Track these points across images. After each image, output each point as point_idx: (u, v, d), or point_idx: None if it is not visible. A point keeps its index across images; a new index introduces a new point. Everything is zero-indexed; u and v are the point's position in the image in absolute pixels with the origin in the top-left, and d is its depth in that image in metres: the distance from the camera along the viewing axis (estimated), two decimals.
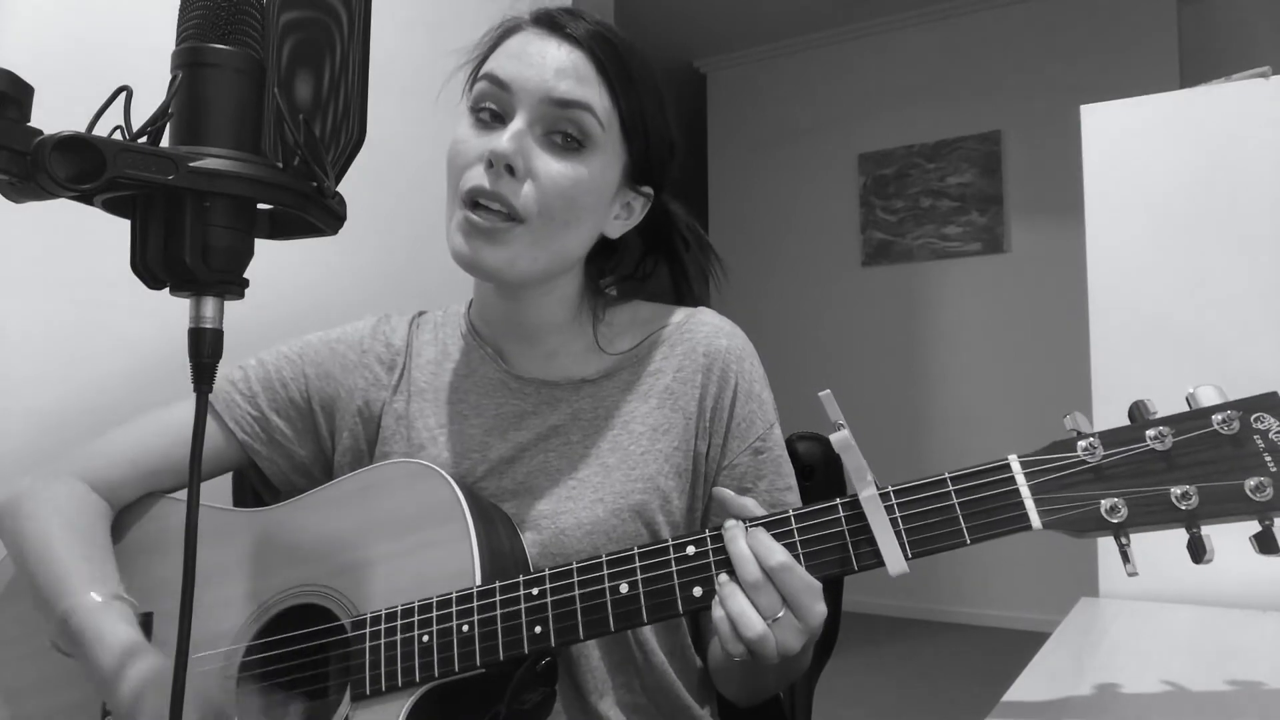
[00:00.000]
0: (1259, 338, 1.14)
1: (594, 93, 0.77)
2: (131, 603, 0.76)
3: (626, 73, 0.79)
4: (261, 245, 0.52)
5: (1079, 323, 1.29)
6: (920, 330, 4.39)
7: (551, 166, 0.76)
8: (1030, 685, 0.77)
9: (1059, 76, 4.06)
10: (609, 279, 0.93)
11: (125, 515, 0.85)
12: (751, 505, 0.71)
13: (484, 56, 0.82)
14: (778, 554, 0.65)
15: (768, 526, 0.68)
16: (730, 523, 0.68)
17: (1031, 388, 4.03)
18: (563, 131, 0.77)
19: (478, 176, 0.76)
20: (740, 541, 0.66)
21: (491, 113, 0.78)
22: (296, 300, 1.34)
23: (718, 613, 0.66)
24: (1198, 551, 0.61)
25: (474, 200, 0.76)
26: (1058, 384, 3.86)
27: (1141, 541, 0.63)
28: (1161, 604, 1.08)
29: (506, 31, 0.82)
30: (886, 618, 4.19)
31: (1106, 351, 1.22)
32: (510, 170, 0.75)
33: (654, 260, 0.93)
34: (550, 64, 0.77)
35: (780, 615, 0.65)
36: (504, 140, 0.75)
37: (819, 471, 0.96)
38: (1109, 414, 1.21)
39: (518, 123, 0.76)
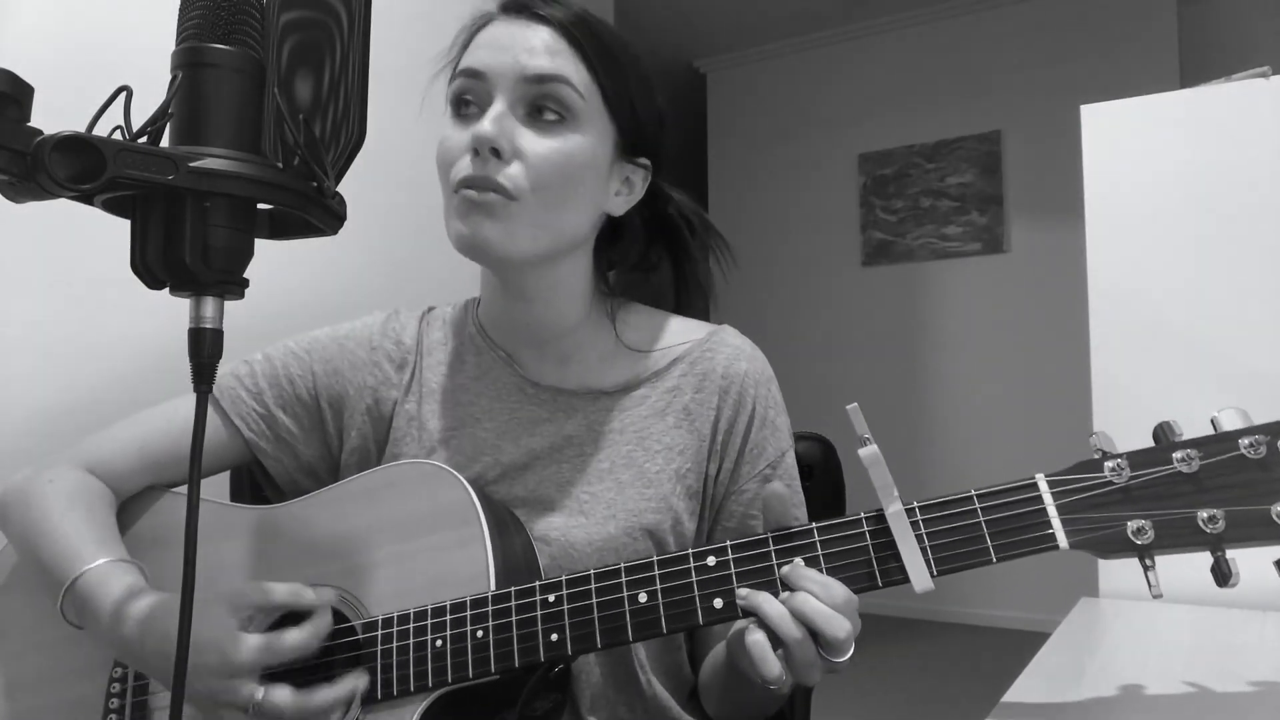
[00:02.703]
0: (1259, 337, 1.14)
1: (569, 65, 0.77)
2: (140, 566, 0.76)
3: (602, 46, 0.79)
4: (261, 245, 0.52)
5: (1079, 322, 1.29)
6: (920, 330, 4.39)
7: (537, 143, 0.75)
8: (1030, 685, 0.77)
9: (1059, 76, 4.06)
10: (617, 269, 0.91)
11: (127, 509, 0.85)
12: (790, 520, 0.69)
13: (458, 56, 0.82)
14: (838, 591, 0.64)
15: (790, 538, 0.67)
16: (789, 569, 0.66)
17: (1031, 388, 4.03)
18: (543, 108, 0.76)
19: (466, 166, 0.75)
20: (814, 602, 0.63)
21: (472, 105, 0.78)
22: (297, 300, 1.34)
23: (755, 635, 0.64)
24: (1222, 576, 0.61)
25: (467, 185, 0.75)
26: (1058, 384, 3.86)
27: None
28: (1161, 604, 1.08)
29: (477, 28, 0.81)
30: (886, 618, 4.19)
31: (1106, 351, 1.22)
32: (496, 153, 0.74)
33: (659, 250, 0.91)
34: (520, 44, 0.77)
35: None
36: (486, 124, 0.74)
37: (818, 471, 0.96)
38: (1109, 414, 1.21)
39: (498, 106, 0.76)
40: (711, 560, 0.67)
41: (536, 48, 0.76)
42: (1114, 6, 3.98)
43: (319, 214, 0.51)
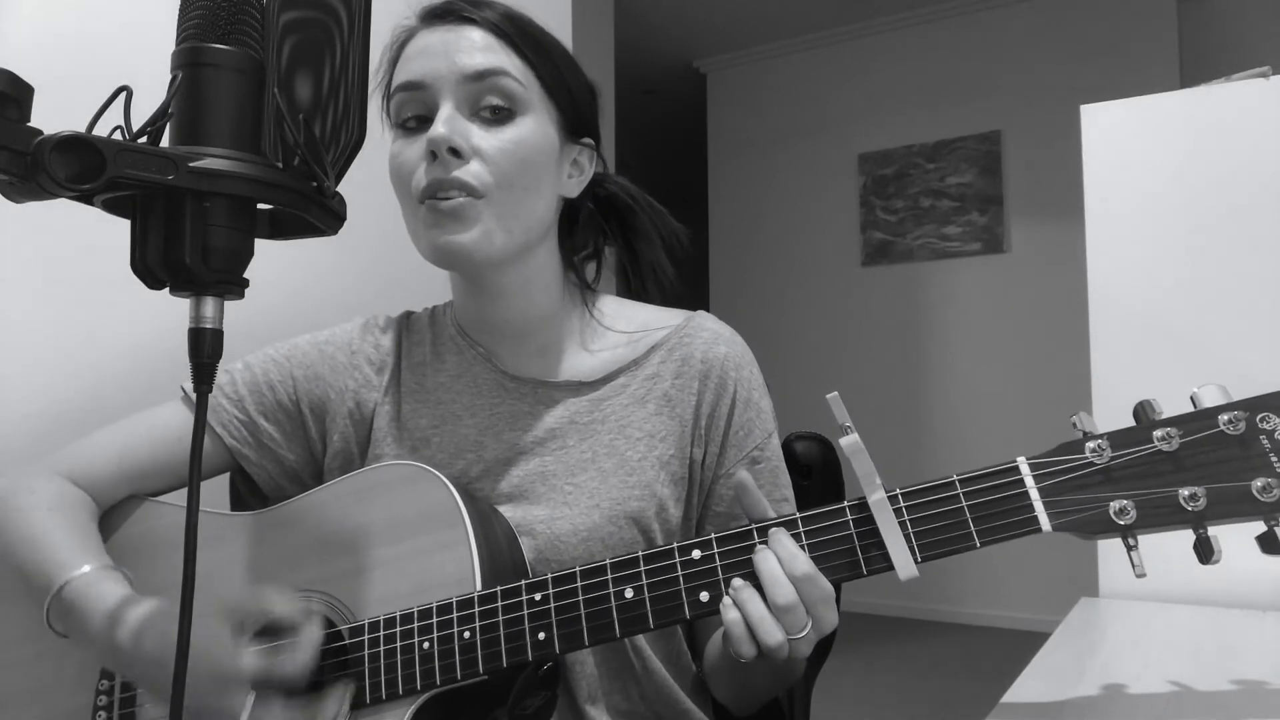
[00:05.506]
0: (1259, 337, 1.14)
1: (504, 58, 0.78)
2: (125, 573, 0.75)
3: (527, 34, 0.80)
4: (261, 245, 0.52)
5: (1079, 323, 1.29)
6: (920, 330, 4.39)
7: (491, 138, 0.77)
8: (1030, 685, 0.77)
9: (1059, 76, 4.06)
10: (583, 254, 0.91)
11: (109, 519, 0.84)
12: (765, 504, 0.70)
13: (390, 73, 0.83)
14: (802, 563, 0.65)
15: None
16: (758, 544, 0.67)
17: (1031, 387, 4.03)
18: (489, 105, 0.77)
19: (426, 174, 0.76)
20: (771, 560, 0.65)
21: (417, 118, 0.79)
22: (296, 300, 1.33)
23: (731, 615, 0.65)
24: (1205, 552, 0.61)
25: (432, 194, 0.76)
26: (1057, 384, 3.86)
27: (1144, 542, 0.63)
28: (1161, 604, 1.08)
29: (402, 42, 0.82)
30: (886, 618, 4.19)
31: (1106, 351, 1.22)
32: (455, 153, 0.75)
33: (613, 229, 0.92)
34: (454, 47, 0.78)
35: (804, 630, 0.65)
36: (440, 126, 0.75)
37: (816, 471, 0.96)
38: (1109, 413, 1.21)
39: (445, 109, 0.76)
40: (697, 554, 0.68)
41: (471, 47, 0.78)
42: (1114, 6, 3.99)
43: (319, 214, 0.52)
